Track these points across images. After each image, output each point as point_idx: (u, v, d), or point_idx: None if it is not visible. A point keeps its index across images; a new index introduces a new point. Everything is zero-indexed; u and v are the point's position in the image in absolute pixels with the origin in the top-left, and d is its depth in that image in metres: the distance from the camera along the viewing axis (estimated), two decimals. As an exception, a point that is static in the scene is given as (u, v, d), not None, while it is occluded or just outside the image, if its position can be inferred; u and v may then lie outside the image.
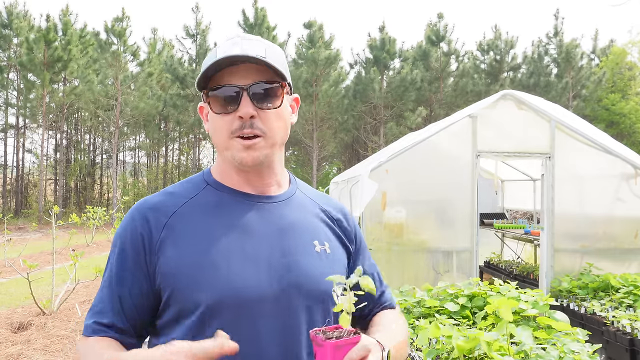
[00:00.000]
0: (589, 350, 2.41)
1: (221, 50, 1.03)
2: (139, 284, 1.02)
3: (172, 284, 0.99)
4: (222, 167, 1.11)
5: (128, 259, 1.02)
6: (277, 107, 1.06)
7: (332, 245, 1.13)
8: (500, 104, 5.50)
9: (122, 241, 1.04)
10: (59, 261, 9.74)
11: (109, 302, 1.02)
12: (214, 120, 1.06)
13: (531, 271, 6.56)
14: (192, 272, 0.98)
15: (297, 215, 1.12)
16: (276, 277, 1.01)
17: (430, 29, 27.12)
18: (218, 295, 0.97)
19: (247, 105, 1.01)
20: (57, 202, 25.06)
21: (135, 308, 1.02)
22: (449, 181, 5.32)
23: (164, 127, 30.61)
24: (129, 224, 1.04)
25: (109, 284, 1.03)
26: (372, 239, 5.14)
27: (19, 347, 4.66)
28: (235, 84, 1.02)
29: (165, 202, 1.06)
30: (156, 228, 1.02)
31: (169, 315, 1.01)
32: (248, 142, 1.02)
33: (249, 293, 0.98)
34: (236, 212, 1.06)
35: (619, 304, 4.51)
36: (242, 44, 1.03)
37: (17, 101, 26.72)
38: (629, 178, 5.58)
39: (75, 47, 24.46)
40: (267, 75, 1.04)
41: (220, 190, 1.09)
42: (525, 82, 25.35)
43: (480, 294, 3.61)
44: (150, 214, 1.03)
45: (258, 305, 0.98)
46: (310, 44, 25.57)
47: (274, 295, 1.00)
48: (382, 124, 25.19)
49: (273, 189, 1.12)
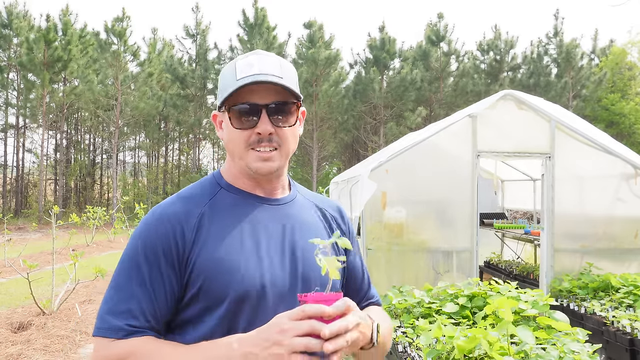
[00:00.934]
0: (589, 350, 2.41)
1: (241, 69, 1.11)
2: (171, 283, 1.07)
3: (203, 279, 1.06)
4: (233, 171, 1.20)
5: (160, 261, 1.06)
6: (292, 126, 1.16)
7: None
8: (500, 104, 5.50)
9: (150, 245, 1.07)
10: (59, 261, 9.74)
11: (143, 302, 1.04)
12: (231, 132, 1.14)
13: (531, 271, 6.56)
14: (222, 269, 1.07)
15: (300, 215, 1.24)
16: (290, 271, 1.13)
17: (430, 29, 27.13)
18: (245, 288, 1.06)
19: (265, 123, 1.11)
20: (57, 202, 25.06)
21: (168, 307, 1.07)
22: (449, 181, 5.32)
23: (164, 127, 30.61)
24: (159, 228, 1.09)
25: (140, 284, 1.05)
26: (372, 238, 5.14)
27: (19, 347, 4.66)
28: (255, 102, 1.11)
29: (189, 206, 1.13)
30: (189, 230, 1.08)
31: (196, 309, 1.08)
32: (265, 155, 1.12)
33: (270, 285, 1.09)
34: (251, 213, 1.16)
35: (619, 304, 4.51)
36: (260, 63, 1.11)
37: (17, 101, 26.72)
38: (629, 178, 5.58)
39: (75, 47, 24.47)
40: (283, 95, 1.13)
41: (234, 193, 1.18)
42: (525, 82, 25.36)
43: (480, 294, 3.61)
44: (181, 218, 1.10)
45: (277, 296, 1.10)
46: (310, 44, 25.57)
47: (290, 286, 1.12)
48: (382, 124, 25.19)
49: (279, 192, 1.23)
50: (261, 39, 24.42)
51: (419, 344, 2.75)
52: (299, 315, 0.91)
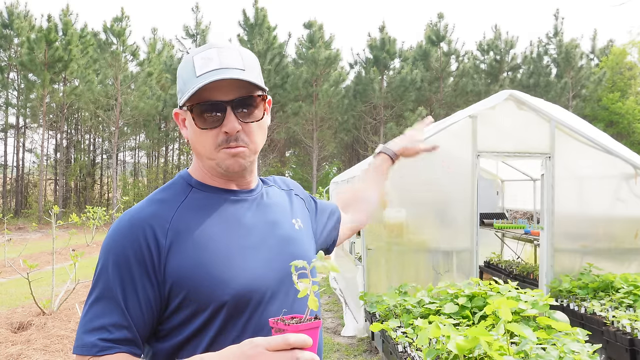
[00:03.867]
0: (589, 350, 2.41)
1: (199, 64, 1.03)
2: (146, 293, 1.00)
3: (187, 285, 0.99)
4: (203, 171, 1.13)
5: (132, 269, 0.99)
6: (259, 120, 1.09)
7: (301, 218, 1.26)
8: (500, 104, 5.50)
9: (121, 252, 1.01)
10: (59, 261, 9.75)
11: (114, 315, 0.98)
12: (197, 132, 1.06)
13: (531, 271, 6.56)
14: (205, 272, 1.00)
15: (274, 201, 1.21)
16: (276, 264, 1.08)
17: (430, 29, 27.12)
18: (233, 290, 1.01)
19: (232, 120, 1.03)
20: (57, 202, 25.06)
21: (144, 318, 1.00)
22: (449, 181, 5.32)
23: (164, 127, 30.60)
24: (126, 235, 1.01)
25: (111, 297, 0.99)
26: (372, 239, 5.14)
27: (19, 347, 4.66)
28: (219, 99, 1.03)
29: (160, 209, 1.05)
30: (161, 235, 1.01)
31: (181, 317, 1.01)
32: (234, 151, 1.06)
33: (260, 284, 1.04)
34: (228, 209, 1.10)
35: (619, 304, 4.51)
36: (220, 57, 1.03)
37: (17, 101, 26.73)
38: (629, 178, 5.58)
39: (76, 47, 24.48)
40: (247, 88, 1.05)
41: (207, 191, 1.11)
42: (525, 82, 25.36)
43: (480, 294, 3.61)
44: (152, 222, 1.02)
45: (268, 294, 1.05)
46: (310, 44, 25.58)
47: (278, 282, 1.07)
48: (382, 124, 25.19)
49: (252, 183, 1.18)
50: (261, 39, 24.42)
51: (419, 344, 2.75)
52: (280, 346, 0.83)
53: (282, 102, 24.37)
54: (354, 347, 5.11)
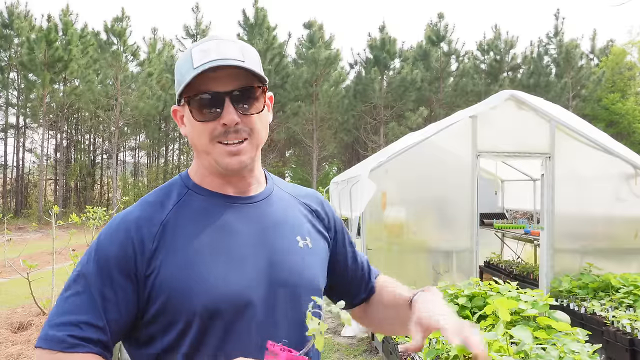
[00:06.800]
0: (589, 350, 2.41)
1: (197, 57, 1.00)
2: (125, 295, 0.97)
3: (167, 292, 0.96)
4: (201, 170, 1.09)
5: (113, 270, 0.97)
6: (260, 112, 1.05)
7: (313, 238, 1.15)
8: (500, 104, 5.50)
9: (105, 253, 0.98)
10: (59, 261, 9.74)
11: (89, 313, 0.94)
12: (194, 126, 1.03)
13: (531, 271, 6.56)
14: (188, 283, 0.97)
15: (278, 212, 1.12)
16: (264, 277, 1.03)
17: (431, 29, 27.13)
18: (213, 301, 0.97)
19: (231, 112, 1.00)
20: (57, 202, 25.07)
21: (120, 321, 0.97)
22: (449, 181, 5.32)
23: (164, 127, 30.60)
24: (114, 236, 0.99)
25: (88, 294, 0.96)
26: (372, 239, 5.14)
27: (19, 347, 4.66)
28: (217, 90, 1.00)
29: (151, 213, 1.03)
30: (148, 239, 0.98)
31: (159, 325, 0.99)
32: (233, 148, 1.01)
33: (242, 295, 0.99)
34: (221, 216, 1.05)
35: (619, 304, 4.51)
36: (218, 48, 1.00)
37: (17, 101, 26.75)
38: (629, 178, 5.58)
39: (76, 47, 24.50)
40: (247, 79, 1.02)
41: (203, 195, 1.07)
42: (525, 82, 25.36)
43: (480, 294, 3.61)
44: (140, 225, 1.00)
45: (251, 306, 1.00)
46: (311, 44, 25.58)
47: (265, 294, 1.02)
48: (383, 124, 25.19)
49: (253, 187, 1.12)
50: (261, 39, 24.43)
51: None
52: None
53: (282, 102, 24.37)
54: (354, 347, 5.11)
